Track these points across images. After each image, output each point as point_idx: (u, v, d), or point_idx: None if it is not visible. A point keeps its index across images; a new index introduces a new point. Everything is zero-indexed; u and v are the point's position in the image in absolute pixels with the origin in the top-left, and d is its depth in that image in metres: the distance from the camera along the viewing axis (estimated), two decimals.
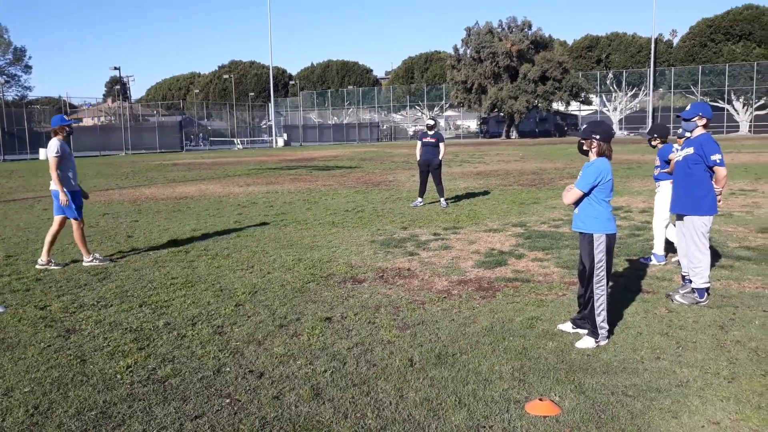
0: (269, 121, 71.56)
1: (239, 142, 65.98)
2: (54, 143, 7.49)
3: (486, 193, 15.17)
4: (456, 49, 72.09)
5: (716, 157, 5.41)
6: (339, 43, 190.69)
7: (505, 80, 67.61)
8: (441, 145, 12.47)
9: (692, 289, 5.60)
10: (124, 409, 3.66)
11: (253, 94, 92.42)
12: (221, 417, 3.54)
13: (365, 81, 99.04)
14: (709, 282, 5.61)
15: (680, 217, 5.78)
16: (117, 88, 70.89)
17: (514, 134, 70.59)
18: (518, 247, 8.28)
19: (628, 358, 4.29)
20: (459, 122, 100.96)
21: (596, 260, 4.58)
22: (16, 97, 70.76)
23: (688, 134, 5.79)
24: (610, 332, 4.69)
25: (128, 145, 57.40)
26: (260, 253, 8.27)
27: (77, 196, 7.77)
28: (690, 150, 5.57)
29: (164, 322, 5.34)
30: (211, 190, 17.42)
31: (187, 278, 6.92)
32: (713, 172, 5.51)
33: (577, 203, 4.62)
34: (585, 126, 4.71)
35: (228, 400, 3.76)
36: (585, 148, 4.63)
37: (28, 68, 68.95)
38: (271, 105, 68.05)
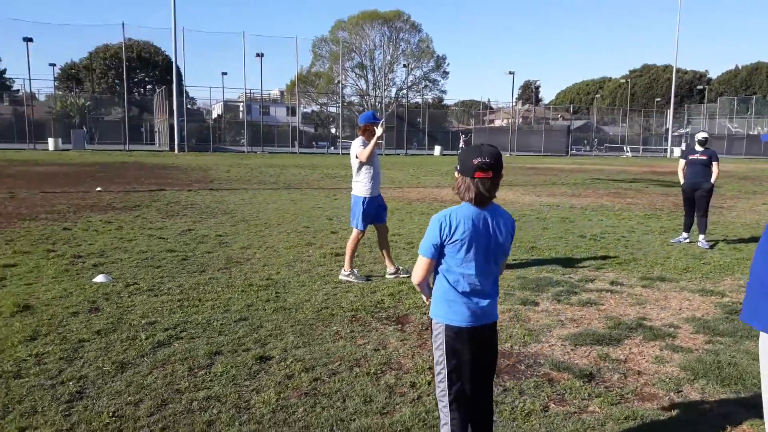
0: (669, 129, 65.15)
1: (628, 149, 62.15)
2: (358, 142, 6.81)
3: None
4: None
5: None
6: None
7: None
8: (714, 164, 9.32)
9: None
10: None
11: (659, 99, 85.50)
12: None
13: None
14: None
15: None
16: (519, 91, 74.36)
17: None
18: (688, 321, 5.59)
19: None
20: None
21: (435, 360, 2.77)
22: (434, 100, 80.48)
23: None
24: None
25: (514, 147, 59.87)
26: (376, 269, 7.46)
27: (371, 204, 6.92)
28: None
29: (148, 321, 5.30)
30: (505, 197, 16.69)
31: (253, 282, 6.66)
32: None
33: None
34: None
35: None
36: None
37: (445, 74, 77.56)
38: (670, 111, 61.88)
